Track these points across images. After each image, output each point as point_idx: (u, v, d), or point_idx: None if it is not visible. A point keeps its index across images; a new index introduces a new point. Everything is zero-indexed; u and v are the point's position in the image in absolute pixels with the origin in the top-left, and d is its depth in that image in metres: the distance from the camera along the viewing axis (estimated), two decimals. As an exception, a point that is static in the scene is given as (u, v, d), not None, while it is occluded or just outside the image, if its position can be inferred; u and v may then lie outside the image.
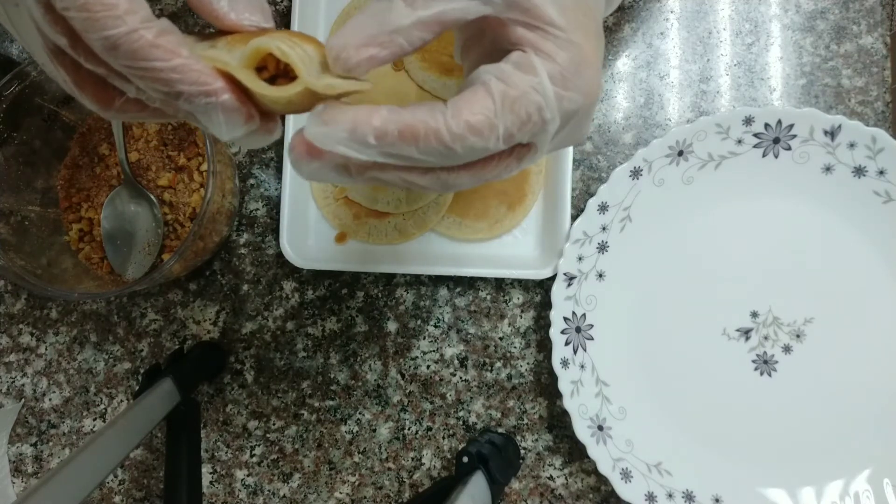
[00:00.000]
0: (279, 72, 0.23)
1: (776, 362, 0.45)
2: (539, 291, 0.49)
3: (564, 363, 0.44)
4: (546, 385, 0.48)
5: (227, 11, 0.22)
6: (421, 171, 0.24)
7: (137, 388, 0.49)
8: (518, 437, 0.48)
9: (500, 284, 0.49)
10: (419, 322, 0.50)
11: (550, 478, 0.48)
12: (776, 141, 0.43)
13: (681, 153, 0.44)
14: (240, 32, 0.24)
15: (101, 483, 0.39)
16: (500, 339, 0.49)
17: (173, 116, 0.24)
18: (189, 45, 0.22)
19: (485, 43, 0.25)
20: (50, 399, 0.52)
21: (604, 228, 0.45)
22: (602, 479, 0.46)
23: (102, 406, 0.52)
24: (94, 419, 0.52)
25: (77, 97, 0.24)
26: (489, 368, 0.49)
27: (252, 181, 0.51)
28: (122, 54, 0.21)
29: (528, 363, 0.49)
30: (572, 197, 0.46)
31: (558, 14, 0.23)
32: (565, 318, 0.45)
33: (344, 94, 0.23)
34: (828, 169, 0.43)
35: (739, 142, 0.44)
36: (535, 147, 0.25)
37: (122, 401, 0.52)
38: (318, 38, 0.52)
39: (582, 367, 0.45)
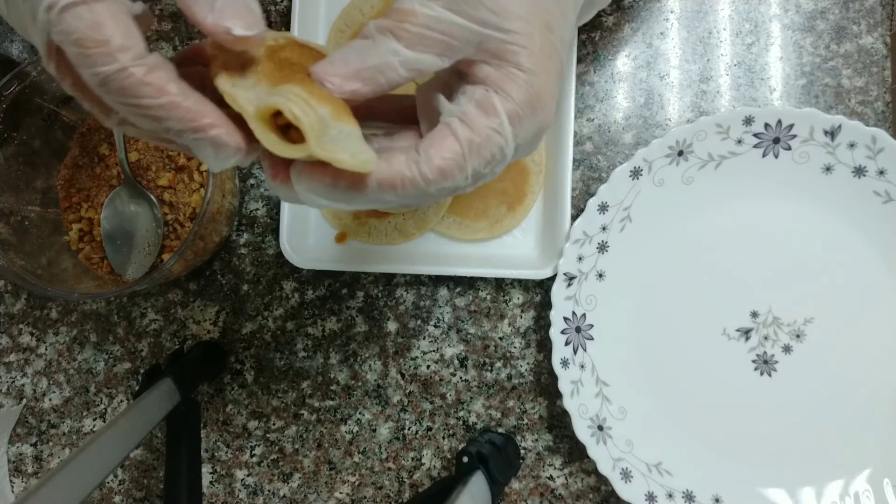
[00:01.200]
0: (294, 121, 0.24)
1: (776, 362, 0.45)
2: (539, 291, 0.49)
3: (564, 363, 0.44)
4: (546, 385, 0.48)
5: (205, 15, 0.22)
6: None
7: (137, 388, 0.49)
8: (518, 437, 0.48)
9: (500, 284, 0.49)
10: (419, 322, 0.50)
11: (550, 478, 0.48)
12: (776, 141, 0.43)
13: (681, 153, 0.44)
14: (271, 63, 0.24)
15: (101, 483, 0.39)
16: (500, 339, 0.49)
17: (169, 142, 0.25)
18: (216, 73, 0.23)
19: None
20: (50, 399, 0.52)
21: (604, 228, 0.45)
22: (602, 479, 0.46)
23: (102, 406, 0.52)
24: (94, 419, 0.52)
25: (79, 100, 0.24)
26: (489, 368, 0.49)
27: (252, 181, 0.51)
28: (113, 90, 0.21)
29: (528, 363, 0.49)
30: (572, 197, 0.46)
31: (525, 58, 0.24)
32: (565, 318, 0.45)
33: (353, 169, 0.23)
34: (828, 169, 0.43)
35: (739, 142, 0.44)
36: (491, 173, 0.26)
37: (122, 401, 0.52)
38: (318, 39, 0.53)
39: (582, 367, 0.45)
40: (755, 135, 0.43)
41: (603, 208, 0.45)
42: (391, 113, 0.29)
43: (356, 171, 0.23)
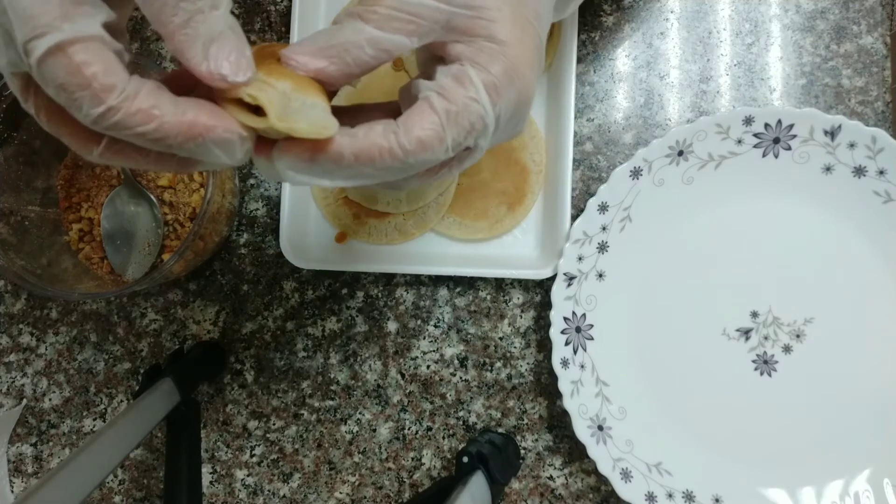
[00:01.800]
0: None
1: (776, 362, 0.45)
2: (539, 291, 0.49)
3: (564, 363, 0.44)
4: (546, 385, 0.48)
5: (199, 63, 0.22)
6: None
7: (137, 388, 0.49)
8: (518, 437, 0.48)
9: (500, 284, 0.49)
10: (419, 322, 0.50)
11: (550, 478, 0.48)
12: (776, 141, 0.43)
13: (681, 153, 0.44)
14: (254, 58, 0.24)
15: (101, 483, 0.39)
16: (500, 339, 0.49)
17: (164, 162, 0.24)
18: None
19: (429, 47, 0.27)
20: (50, 399, 0.52)
21: (604, 228, 0.45)
22: (602, 479, 0.46)
23: (102, 406, 0.52)
24: (94, 419, 0.52)
25: (52, 132, 0.23)
26: (489, 368, 0.49)
27: (252, 181, 0.51)
28: (105, 128, 0.21)
29: (528, 363, 0.49)
30: (572, 197, 0.46)
31: (496, 30, 0.25)
32: (565, 318, 0.45)
33: (311, 137, 0.24)
34: (828, 169, 0.43)
35: (739, 142, 0.44)
36: (476, 148, 0.27)
37: (122, 401, 0.52)
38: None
39: (582, 367, 0.45)
40: (755, 135, 0.43)
41: (603, 208, 0.45)
42: (384, 118, 0.30)
43: (335, 145, 0.24)
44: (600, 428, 0.44)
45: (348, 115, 0.27)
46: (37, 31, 0.20)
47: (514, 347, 0.49)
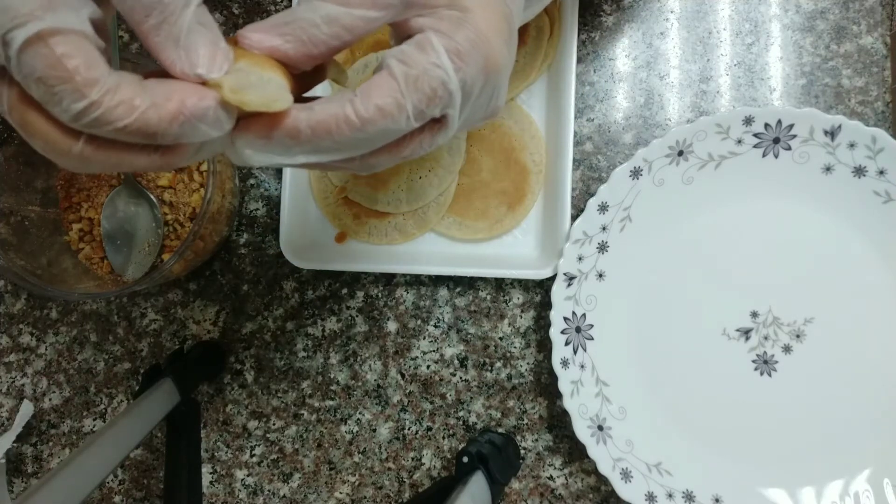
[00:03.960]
0: None
1: (776, 362, 0.45)
2: (539, 291, 0.49)
3: (564, 363, 0.44)
4: (546, 385, 0.48)
5: (173, 62, 0.22)
6: (342, 160, 0.25)
7: (137, 388, 0.49)
8: (518, 437, 0.48)
9: (500, 284, 0.49)
10: (419, 322, 0.50)
11: (550, 478, 0.48)
12: (776, 141, 0.43)
13: (681, 153, 0.44)
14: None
15: (101, 483, 0.39)
16: (500, 339, 0.49)
17: (167, 163, 0.24)
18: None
19: (397, 28, 0.27)
20: (50, 399, 0.52)
21: (604, 228, 0.45)
22: (602, 479, 0.46)
23: (102, 406, 0.52)
24: (94, 419, 0.52)
25: (24, 132, 0.22)
26: (489, 368, 0.49)
27: (252, 181, 0.51)
28: (86, 124, 0.21)
29: (528, 363, 0.49)
30: (572, 197, 0.46)
31: (459, 10, 0.24)
32: (565, 318, 0.45)
33: (261, 110, 0.23)
34: (828, 169, 0.43)
35: (739, 142, 0.44)
36: (448, 120, 0.26)
37: (122, 401, 0.52)
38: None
39: (582, 367, 0.45)
40: (755, 135, 0.43)
41: (603, 208, 0.45)
42: None
43: (290, 119, 0.23)
44: (600, 428, 0.44)
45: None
46: (17, 20, 0.19)
47: (514, 347, 0.49)
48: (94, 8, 0.22)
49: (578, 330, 0.45)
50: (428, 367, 0.49)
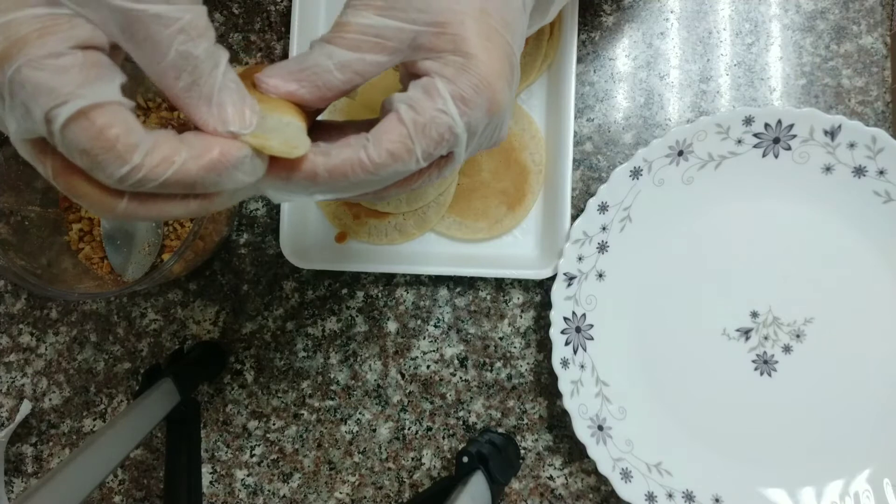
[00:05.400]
0: None
1: (776, 362, 0.45)
2: (539, 291, 0.49)
3: (564, 363, 0.44)
4: (546, 385, 0.48)
5: (206, 122, 0.23)
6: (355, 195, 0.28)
7: (137, 388, 0.49)
8: (518, 437, 0.48)
9: (500, 284, 0.49)
10: (419, 322, 0.50)
11: (550, 478, 0.48)
12: (776, 141, 0.43)
13: (681, 153, 0.44)
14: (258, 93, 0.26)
15: (101, 483, 0.39)
16: (500, 339, 0.49)
17: (209, 205, 0.25)
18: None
19: (404, 65, 0.28)
20: (50, 399, 0.52)
21: (604, 228, 0.45)
22: (602, 479, 0.46)
23: (102, 406, 0.52)
24: (94, 419, 0.52)
25: (70, 194, 0.23)
26: (489, 368, 0.49)
27: (252, 181, 0.51)
28: (130, 185, 0.22)
29: (528, 363, 0.49)
30: (572, 197, 0.46)
31: (461, 44, 0.26)
32: (565, 318, 0.45)
33: (282, 155, 0.25)
34: (828, 169, 0.43)
35: (739, 142, 0.44)
36: (454, 157, 0.28)
37: (122, 401, 0.52)
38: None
39: (582, 367, 0.45)
40: (755, 135, 0.43)
41: (603, 208, 0.45)
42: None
43: (308, 164, 0.25)
44: (600, 428, 0.44)
45: (336, 131, 0.28)
46: (59, 99, 0.20)
47: (514, 347, 0.49)
48: (124, 77, 0.23)
49: (578, 330, 0.45)
50: (428, 367, 0.49)
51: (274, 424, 0.50)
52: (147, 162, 0.22)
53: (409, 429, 0.49)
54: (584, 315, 0.45)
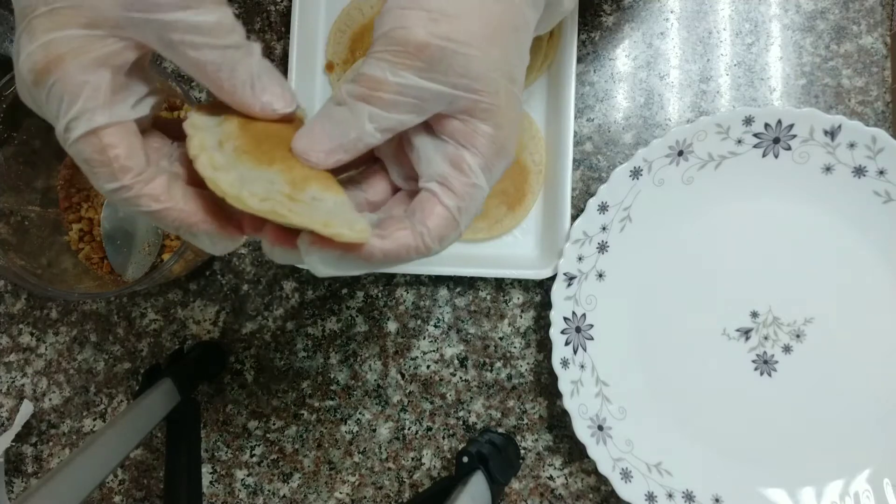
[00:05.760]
0: None
1: (776, 362, 0.45)
2: (539, 291, 0.49)
3: (564, 363, 0.44)
4: (546, 385, 0.48)
5: (252, 104, 0.26)
6: None
7: (137, 388, 0.49)
8: (518, 437, 0.48)
9: (500, 284, 0.49)
10: (419, 322, 0.50)
11: (550, 478, 0.48)
12: (776, 141, 0.43)
13: (681, 153, 0.44)
14: (248, 137, 0.26)
15: (101, 483, 0.39)
16: (500, 339, 0.49)
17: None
18: (195, 156, 0.25)
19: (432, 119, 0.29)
20: (50, 399, 0.52)
21: (604, 228, 0.45)
22: (602, 479, 0.46)
23: (102, 406, 0.52)
24: (94, 419, 0.52)
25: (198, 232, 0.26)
26: (489, 368, 0.49)
27: (252, 181, 0.51)
28: (115, 200, 0.25)
29: (528, 363, 0.49)
30: (572, 197, 0.46)
31: (492, 115, 0.26)
32: (565, 318, 0.45)
33: (352, 241, 0.25)
34: (828, 169, 0.43)
35: (739, 142, 0.44)
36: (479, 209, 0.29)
37: (122, 401, 0.52)
38: (319, 40, 0.52)
39: (582, 367, 0.45)
40: (755, 135, 0.43)
41: (603, 208, 0.45)
42: (386, 183, 0.31)
43: (367, 247, 0.25)
44: (600, 428, 0.44)
45: (351, 182, 0.30)
46: (80, 113, 0.23)
47: (514, 347, 0.49)
48: (142, 89, 0.26)
49: (578, 330, 0.45)
50: (428, 367, 0.49)
51: (274, 424, 0.50)
52: (136, 188, 0.24)
53: (409, 429, 0.49)
54: (584, 315, 0.45)
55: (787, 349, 0.45)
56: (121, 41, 0.24)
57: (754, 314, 0.45)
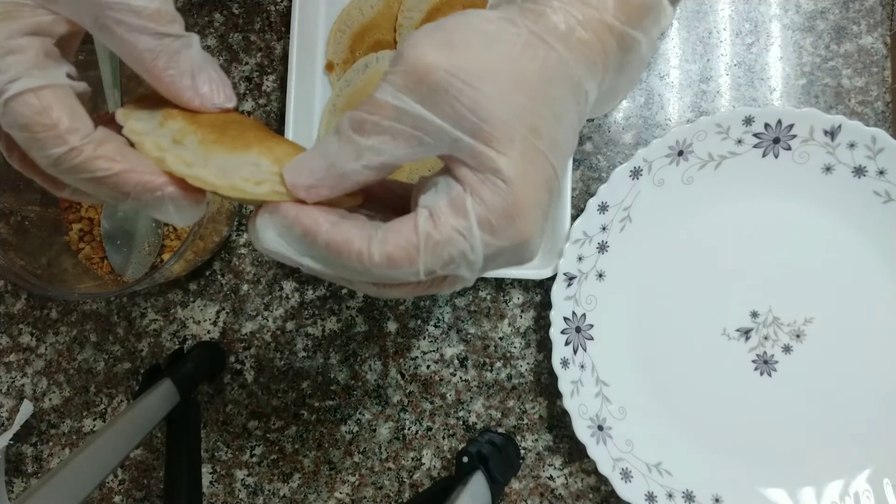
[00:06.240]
0: None
1: (776, 362, 0.45)
2: (539, 291, 0.49)
3: (564, 363, 0.44)
4: (546, 385, 0.48)
5: (192, 98, 0.25)
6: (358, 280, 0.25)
7: (137, 388, 0.49)
8: (518, 437, 0.48)
9: (500, 284, 0.49)
10: (419, 322, 0.50)
11: (550, 478, 0.48)
12: (776, 141, 0.43)
13: (681, 153, 0.44)
14: (208, 128, 0.25)
15: (101, 483, 0.39)
16: (500, 339, 0.49)
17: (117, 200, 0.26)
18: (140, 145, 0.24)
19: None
20: (50, 399, 0.52)
21: (604, 228, 0.45)
22: (602, 479, 0.46)
23: (102, 406, 0.52)
24: (94, 419, 0.52)
25: (27, 175, 0.26)
26: (489, 368, 0.49)
27: (252, 181, 0.51)
28: (65, 170, 0.23)
29: (528, 363, 0.49)
30: (572, 197, 0.46)
31: (503, 165, 0.23)
32: (565, 318, 0.45)
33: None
34: (828, 169, 0.43)
35: (739, 142, 0.44)
36: (460, 278, 0.25)
37: (122, 401, 0.52)
38: (319, 39, 0.52)
39: (582, 367, 0.45)
40: (755, 135, 0.43)
41: (603, 208, 0.45)
42: (387, 198, 0.29)
43: (313, 222, 0.24)
44: (600, 428, 0.44)
45: (379, 188, 0.27)
46: (11, 76, 0.22)
47: (514, 347, 0.49)
48: (70, 66, 0.24)
49: (578, 330, 0.45)
50: (428, 367, 0.49)
51: (274, 424, 0.50)
52: (87, 150, 0.22)
53: (409, 429, 0.49)
54: (584, 315, 0.45)
55: (787, 349, 0.45)
56: (51, 14, 0.23)
57: (754, 314, 0.45)
